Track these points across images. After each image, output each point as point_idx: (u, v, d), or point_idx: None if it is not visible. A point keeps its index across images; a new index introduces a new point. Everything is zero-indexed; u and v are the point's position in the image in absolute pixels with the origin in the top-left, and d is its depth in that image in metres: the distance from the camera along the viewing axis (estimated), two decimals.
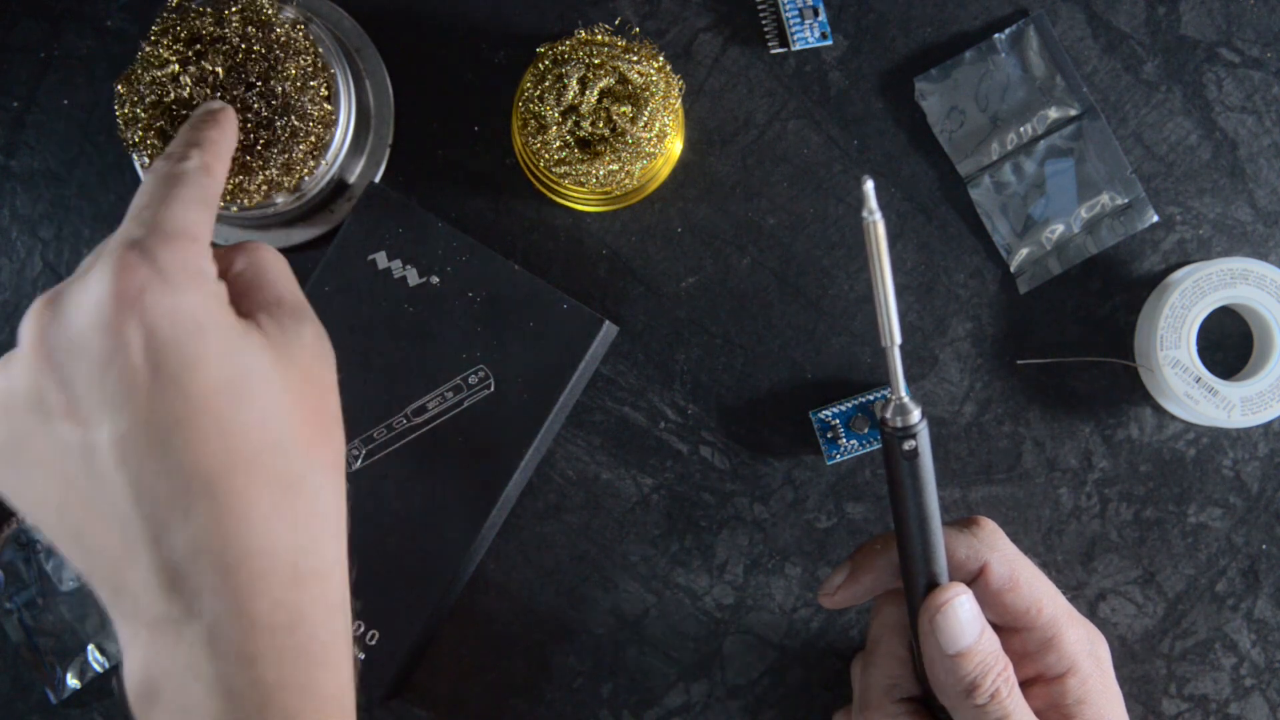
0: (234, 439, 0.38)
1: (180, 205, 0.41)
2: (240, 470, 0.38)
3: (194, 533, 0.38)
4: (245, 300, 0.43)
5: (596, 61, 0.56)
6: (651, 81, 0.56)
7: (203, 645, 0.38)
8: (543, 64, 0.57)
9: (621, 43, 0.57)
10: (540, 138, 0.57)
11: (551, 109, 0.56)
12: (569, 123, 0.56)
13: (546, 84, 0.56)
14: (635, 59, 0.56)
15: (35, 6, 0.62)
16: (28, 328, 0.39)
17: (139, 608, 0.39)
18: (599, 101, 0.56)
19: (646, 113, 0.56)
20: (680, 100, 0.58)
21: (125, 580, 0.39)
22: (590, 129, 0.56)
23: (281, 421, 0.40)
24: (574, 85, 0.56)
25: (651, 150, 0.57)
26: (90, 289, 0.38)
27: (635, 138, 0.56)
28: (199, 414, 0.38)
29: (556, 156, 0.57)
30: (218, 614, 0.38)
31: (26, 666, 0.63)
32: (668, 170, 0.61)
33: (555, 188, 0.59)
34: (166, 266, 0.39)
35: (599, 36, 0.57)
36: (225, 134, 0.48)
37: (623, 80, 0.56)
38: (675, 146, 0.60)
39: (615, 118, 0.56)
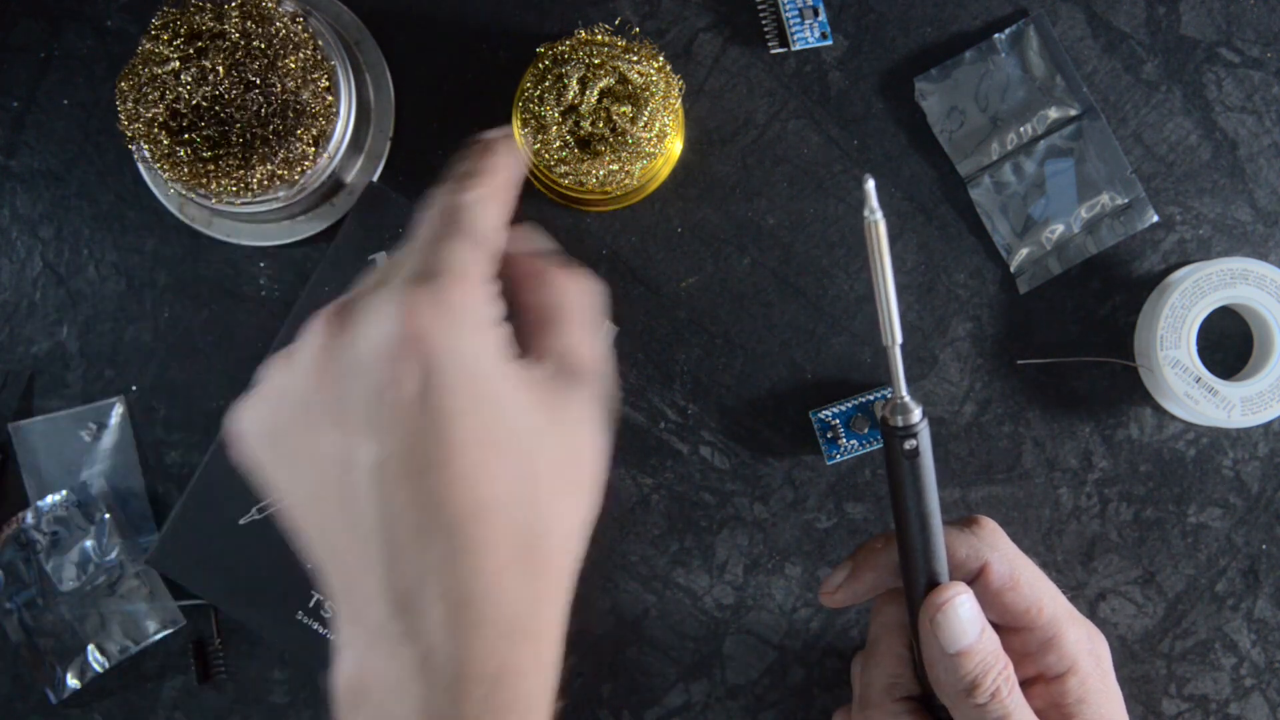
0: (483, 490, 0.39)
1: (460, 245, 0.41)
2: (483, 520, 0.39)
3: (427, 565, 0.39)
4: (535, 337, 0.43)
5: (596, 61, 0.56)
6: (651, 81, 0.56)
7: (415, 669, 0.39)
8: (543, 64, 0.57)
9: (621, 43, 0.57)
10: (540, 138, 0.56)
11: (551, 109, 0.56)
12: (569, 123, 0.56)
13: (546, 84, 0.56)
14: (635, 59, 0.56)
15: (35, 6, 0.62)
16: (315, 336, 0.40)
17: (364, 614, 0.40)
18: (599, 101, 0.56)
19: (646, 113, 0.56)
20: (680, 100, 0.58)
21: (356, 585, 0.40)
22: (590, 129, 0.56)
23: (534, 481, 0.41)
24: (574, 85, 0.56)
25: (651, 150, 0.57)
26: (379, 319, 0.39)
27: (635, 138, 0.56)
28: (455, 459, 0.39)
29: (556, 156, 0.56)
30: (434, 646, 0.39)
31: (26, 666, 0.63)
32: (668, 170, 0.61)
33: (555, 188, 0.59)
34: (453, 307, 0.39)
35: (599, 36, 0.57)
36: (503, 162, 0.46)
37: (623, 80, 0.56)
38: (675, 146, 0.60)
39: (615, 118, 0.56)
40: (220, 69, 0.54)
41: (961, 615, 0.46)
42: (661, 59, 0.57)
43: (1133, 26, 0.60)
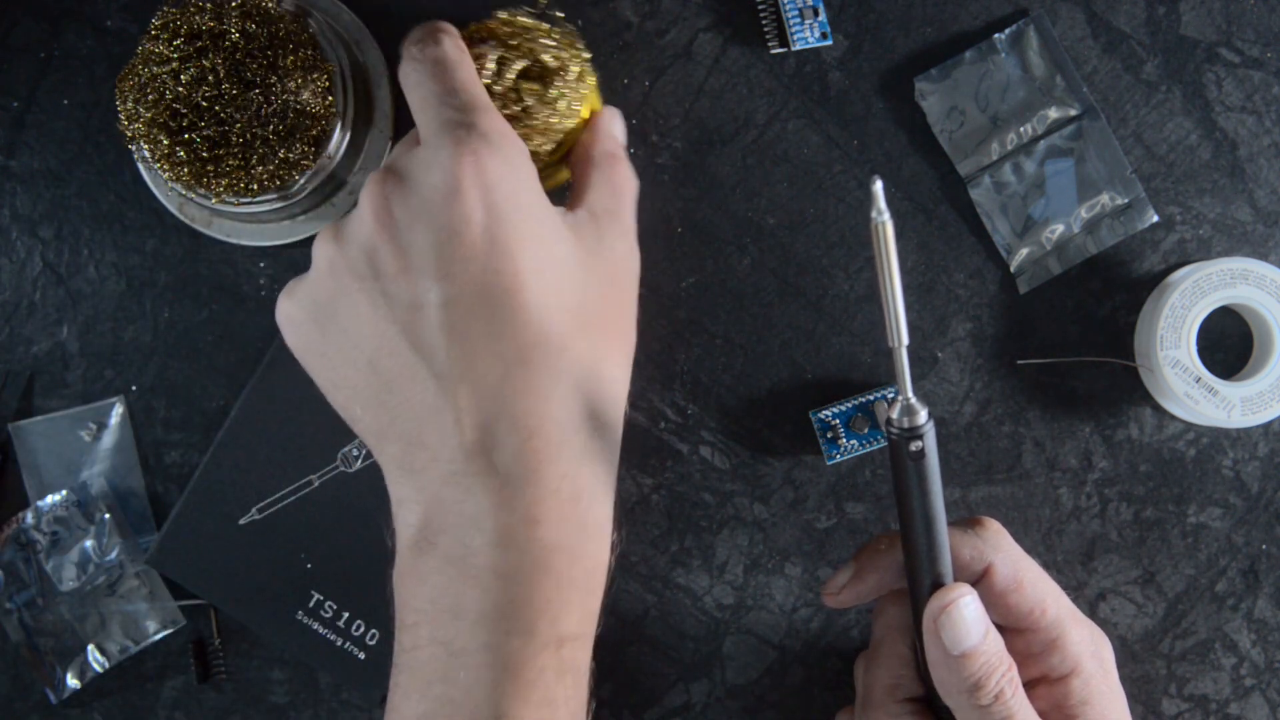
0: (550, 316, 0.42)
1: (466, 82, 0.44)
2: (553, 346, 0.42)
3: (505, 396, 0.41)
4: (582, 197, 0.46)
5: (514, 44, 0.52)
6: (566, 66, 0.52)
7: (492, 501, 0.41)
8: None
9: (543, 27, 0.52)
10: None
11: None
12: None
13: None
14: (552, 43, 0.52)
15: (35, 6, 0.62)
16: (371, 196, 0.42)
17: (435, 461, 0.42)
18: (515, 82, 0.51)
19: (552, 93, 0.51)
20: (595, 88, 0.55)
21: (424, 435, 0.42)
22: (503, 109, 0.51)
23: (588, 312, 0.43)
24: (490, 65, 0.51)
25: (557, 127, 0.52)
26: (435, 167, 0.41)
27: (542, 119, 0.51)
28: (524, 288, 0.41)
29: None
30: (513, 474, 0.41)
31: (26, 666, 0.62)
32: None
33: None
34: (493, 135, 0.42)
35: (518, 19, 0.53)
36: (444, 29, 0.48)
37: (538, 63, 0.52)
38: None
39: (525, 96, 0.51)
40: (220, 69, 0.54)
41: (966, 616, 0.46)
42: (580, 45, 0.53)
43: (1133, 26, 0.60)
